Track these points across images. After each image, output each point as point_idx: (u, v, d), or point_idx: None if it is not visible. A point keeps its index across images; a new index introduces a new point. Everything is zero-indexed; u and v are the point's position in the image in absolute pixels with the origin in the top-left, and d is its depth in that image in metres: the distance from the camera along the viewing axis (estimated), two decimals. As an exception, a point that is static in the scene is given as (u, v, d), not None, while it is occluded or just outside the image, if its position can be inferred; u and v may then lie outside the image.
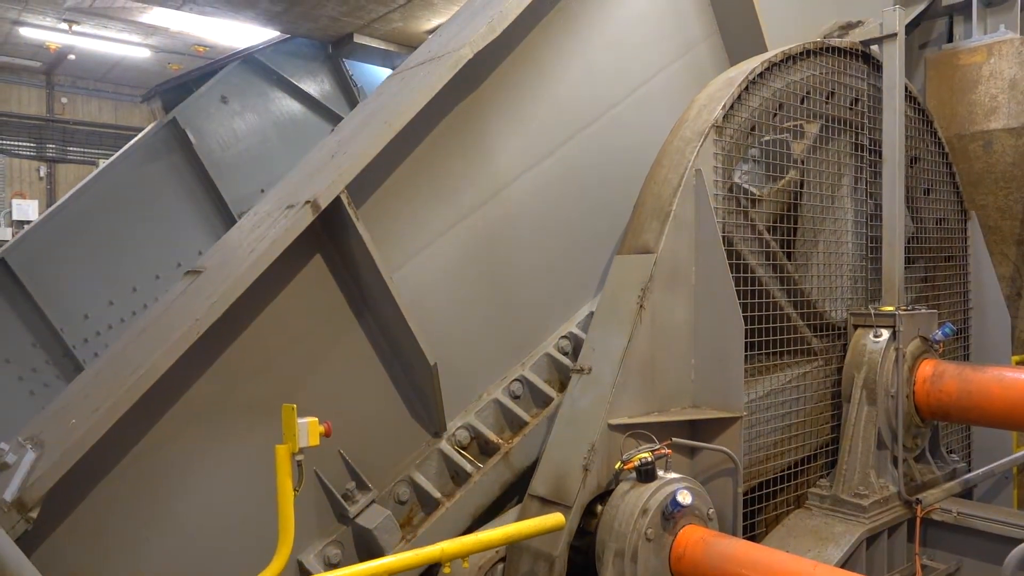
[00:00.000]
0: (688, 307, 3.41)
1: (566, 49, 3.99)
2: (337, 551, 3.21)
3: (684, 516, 2.97)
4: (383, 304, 3.32)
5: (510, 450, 3.55)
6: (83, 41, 15.94)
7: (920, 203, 4.48)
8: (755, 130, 3.69)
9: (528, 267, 3.85)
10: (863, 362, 3.86)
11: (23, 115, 18.58)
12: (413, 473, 3.45)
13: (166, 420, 2.96)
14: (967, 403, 3.71)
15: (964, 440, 4.69)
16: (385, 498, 3.36)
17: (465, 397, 3.65)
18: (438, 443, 3.52)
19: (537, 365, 3.81)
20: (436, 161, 3.59)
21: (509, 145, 3.82)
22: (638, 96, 4.21)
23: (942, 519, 3.86)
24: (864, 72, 4.16)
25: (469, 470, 3.47)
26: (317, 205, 3.07)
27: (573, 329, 3.90)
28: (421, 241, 3.55)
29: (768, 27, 4.35)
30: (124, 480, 2.89)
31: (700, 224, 3.38)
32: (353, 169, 3.18)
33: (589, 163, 4.05)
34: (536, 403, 3.75)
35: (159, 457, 2.95)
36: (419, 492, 3.44)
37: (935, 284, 4.54)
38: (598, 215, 4.06)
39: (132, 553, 2.90)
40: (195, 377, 3.00)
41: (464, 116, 3.67)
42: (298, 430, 2.62)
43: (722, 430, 3.31)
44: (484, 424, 3.62)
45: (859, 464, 3.78)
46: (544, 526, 2.84)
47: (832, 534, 3.59)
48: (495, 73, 3.75)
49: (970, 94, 5.18)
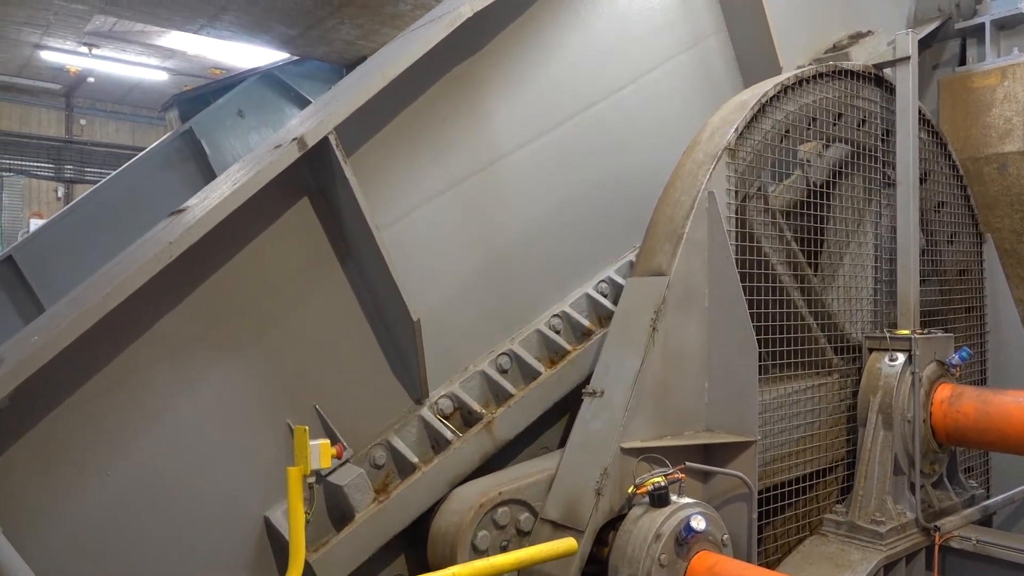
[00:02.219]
0: (701, 330, 3.39)
1: (569, 25, 3.98)
2: (306, 509, 3.08)
3: (698, 542, 2.93)
4: (368, 255, 3.23)
5: (493, 420, 3.44)
6: (102, 64, 16.21)
7: (935, 226, 4.46)
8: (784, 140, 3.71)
9: (522, 243, 3.80)
10: (879, 386, 3.82)
11: (43, 136, 18.89)
12: (391, 437, 3.33)
13: (135, 350, 2.86)
14: (985, 425, 3.65)
15: (983, 466, 4.62)
16: (360, 460, 3.24)
17: (450, 368, 3.54)
18: (419, 410, 3.40)
19: (527, 341, 3.72)
20: (431, 122, 3.54)
21: (507, 116, 3.78)
22: (642, 84, 4.21)
23: (961, 547, 3.79)
24: (878, 95, 4.16)
25: (450, 438, 3.35)
26: (304, 142, 2.99)
27: (566, 308, 3.84)
28: (412, 201, 3.49)
29: (777, 32, 4.39)
30: (88, 409, 2.78)
31: (713, 247, 3.38)
32: (343, 111, 3.11)
33: (589, 147, 4.02)
34: (524, 378, 3.65)
35: (126, 389, 2.84)
36: (397, 457, 3.31)
37: (951, 307, 4.51)
38: (596, 201, 4.02)
39: (92, 484, 2.78)
40: (167, 309, 2.92)
41: (462, 79, 3.64)
42: (310, 452, 2.62)
43: (736, 454, 3.27)
44: (469, 395, 3.51)
45: (876, 490, 3.72)
46: (556, 551, 2.81)
47: (849, 561, 3.53)
48: (496, 40, 3.73)
49: (984, 116, 5.16)
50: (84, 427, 2.77)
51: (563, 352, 3.73)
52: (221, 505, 2.97)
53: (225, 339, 3.05)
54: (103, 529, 2.78)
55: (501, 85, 3.78)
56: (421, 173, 3.53)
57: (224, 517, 2.97)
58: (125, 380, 2.84)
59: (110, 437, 2.81)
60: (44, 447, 2.71)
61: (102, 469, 2.79)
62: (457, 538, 3.10)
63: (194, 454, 2.97)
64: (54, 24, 12.69)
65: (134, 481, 2.84)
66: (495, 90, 3.76)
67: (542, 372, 3.63)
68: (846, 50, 4.65)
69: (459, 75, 3.64)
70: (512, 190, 3.79)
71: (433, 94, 3.56)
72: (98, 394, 2.79)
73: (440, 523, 3.23)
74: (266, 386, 3.11)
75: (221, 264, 3.04)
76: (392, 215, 3.43)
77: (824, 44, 4.82)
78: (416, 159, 3.52)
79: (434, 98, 3.57)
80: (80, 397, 2.76)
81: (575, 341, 3.81)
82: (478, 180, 3.69)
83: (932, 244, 4.44)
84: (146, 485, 2.86)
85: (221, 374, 3.03)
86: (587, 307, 3.91)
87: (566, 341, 3.77)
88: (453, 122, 3.63)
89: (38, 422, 2.70)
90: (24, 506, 2.66)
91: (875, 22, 4.91)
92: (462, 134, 3.66)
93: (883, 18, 5.09)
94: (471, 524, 3.11)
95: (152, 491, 2.87)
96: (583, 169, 4.01)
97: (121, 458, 2.83)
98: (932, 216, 4.45)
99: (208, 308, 3.01)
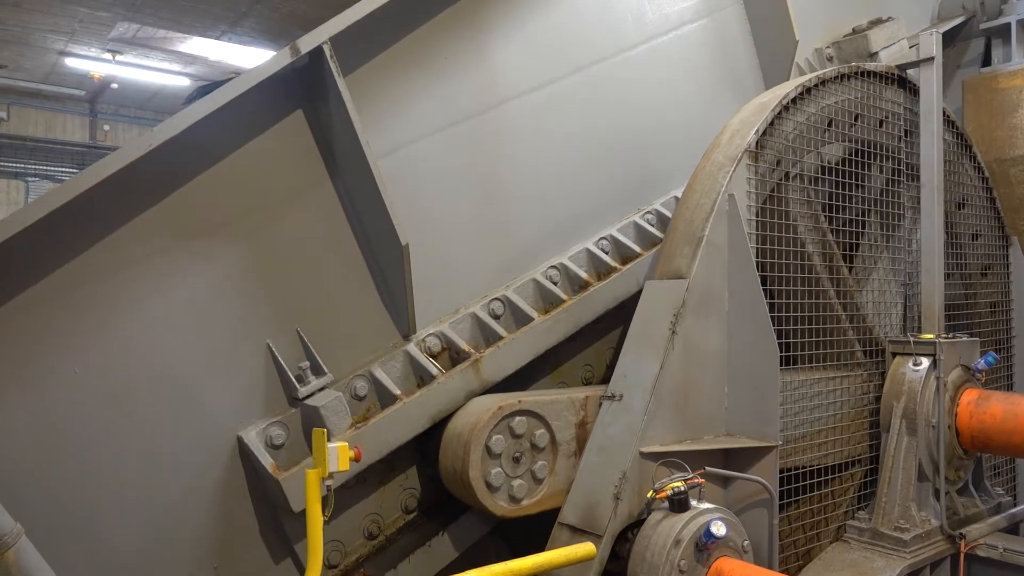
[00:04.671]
0: (721, 333, 3.36)
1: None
2: (281, 432, 3.04)
3: (718, 548, 2.90)
4: (357, 173, 3.16)
5: (481, 359, 3.35)
6: (125, 71, 16.41)
7: (959, 228, 4.40)
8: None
9: (522, 192, 3.74)
10: (902, 391, 3.76)
11: (67, 142, 19.16)
12: (375, 369, 3.24)
13: (106, 245, 2.79)
14: (1012, 425, 3.57)
15: (1009, 473, 4.54)
16: (341, 390, 3.15)
17: (441, 310, 3.47)
18: (406, 345, 3.32)
19: (522, 288, 3.65)
20: (434, 58, 3.49)
21: (513, 60, 3.74)
22: (655, 46, 4.18)
23: (987, 555, 3.72)
24: (900, 96, 4.12)
25: (435, 374, 3.26)
26: (297, 48, 2.95)
27: (565, 261, 3.77)
28: (408, 135, 3.43)
29: (794, 8, 4.39)
30: (58, 302, 2.69)
31: (733, 249, 3.34)
32: (341, 22, 3.06)
33: (596, 103, 3.98)
34: (517, 324, 3.56)
35: (102, 285, 2.77)
36: (379, 389, 3.22)
37: (976, 311, 4.43)
38: (600, 160, 3.99)
39: (58, 383, 2.69)
40: (146, 206, 2.86)
41: (467, 16, 3.58)
42: (328, 455, 2.62)
43: (757, 459, 3.24)
44: (459, 336, 3.43)
45: (899, 496, 3.67)
46: (574, 556, 2.80)
47: (872, 568, 3.48)
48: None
49: (1010, 118, 5.09)
50: (53, 321, 2.68)
51: (559, 302, 3.64)
52: (192, 417, 2.90)
53: (206, 247, 2.97)
54: (65, 429, 2.70)
55: (508, 28, 3.73)
56: (419, 106, 3.46)
57: (194, 431, 2.90)
58: (100, 275, 2.76)
59: (70, 332, 2.71)
60: (11, 337, 2.63)
61: (70, 366, 2.71)
62: (472, 437, 3.06)
63: (167, 361, 2.88)
64: (79, 31, 12.87)
65: (102, 382, 2.76)
66: (501, 33, 3.71)
67: (534, 318, 3.54)
68: (865, 33, 4.68)
69: (464, 11, 3.58)
70: (514, 137, 3.74)
71: (436, 26, 3.49)
72: (68, 287, 2.70)
73: (456, 424, 3.20)
74: (247, 302, 3.04)
75: (207, 167, 2.96)
76: (386, 144, 3.33)
77: (844, 29, 4.85)
78: (415, 92, 3.45)
79: (437, 31, 3.50)
80: (49, 288, 2.68)
81: (571, 293, 3.71)
82: (479, 123, 3.63)
83: (956, 247, 4.37)
84: (114, 388, 2.78)
85: (202, 282, 2.96)
86: (586, 261, 3.85)
87: (563, 292, 3.69)
88: (456, 60, 3.58)
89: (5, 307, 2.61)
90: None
91: (897, 15, 4.91)
92: (465, 73, 3.60)
93: (906, 13, 5.08)
94: (487, 424, 3.08)
95: (120, 394, 2.79)
96: (588, 125, 3.95)
97: (91, 356, 2.74)
98: (956, 219, 4.38)
99: (190, 213, 2.94)
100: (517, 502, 3.19)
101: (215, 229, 3.01)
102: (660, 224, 4.05)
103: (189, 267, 2.95)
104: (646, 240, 4.00)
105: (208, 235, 2.99)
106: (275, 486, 2.88)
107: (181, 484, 2.89)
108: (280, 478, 2.87)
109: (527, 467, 3.21)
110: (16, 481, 2.60)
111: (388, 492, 3.34)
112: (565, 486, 3.26)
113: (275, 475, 2.88)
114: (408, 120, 3.45)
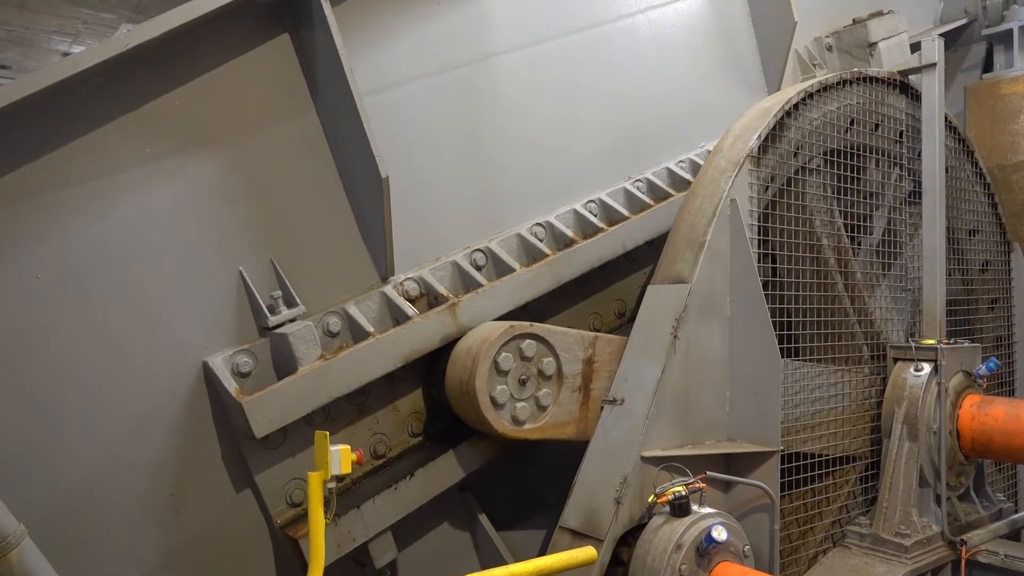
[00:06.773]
0: (723, 338, 3.36)
1: None
2: (249, 360, 2.95)
3: (719, 552, 2.90)
4: (340, 103, 3.05)
5: (459, 303, 3.28)
6: (129, 72, 16.37)
7: (960, 233, 4.40)
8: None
9: (510, 147, 3.70)
10: (903, 396, 3.76)
11: (70, 143, 19.16)
12: (349, 307, 3.16)
13: (80, 147, 2.69)
14: (1014, 427, 3.57)
15: (1010, 479, 4.53)
16: (315, 325, 3.05)
17: (421, 257, 3.41)
18: (383, 286, 3.26)
19: (506, 241, 3.61)
20: (425, 2, 3.46)
21: (507, 13, 3.72)
22: (652, 17, 4.20)
23: (988, 561, 3.72)
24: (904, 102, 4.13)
25: (412, 315, 3.18)
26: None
27: (551, 219, 3.74)
28: (395, 76, 3.36)
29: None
30: (15, 200, 2.59)
31: (735, 254, 3.35)
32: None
33: (591, 64, 3.97)
34: (499, 275, 3.51)
35: (63, 189, 2.68)
36: (353, 327, 3.13)
37: (977, 317, 4.44)
38: (590, 123, 3.97)
39: (19, 284, 2.61)
40: (125, 110, 2.77)
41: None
42: (330, 457, 2.62)
43: (758, 464, 3.24)
44: (438, 282, 3.37)
45: (900, 502, 3.67)
46: (575, 560, 2.79)
47: (873, 574, 3.48)
48: None
49: (1012, 124, 5.10)
50: (18, 220, 2.61)
51: (542, 257, 3.60)
52: (157, 335, 2.81)
53: (184, 161, 2.88)
54: (19, 333, 2.61)
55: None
56: (408, 49, 3.42)
57: (158, 349, 2.80)
58: (76, 179, 2.68)
59: (47, 235, 2.64)
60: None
61: (33, 269, 2.62)
62: (481, 351, 3.06)
63: (136, 272, 2.79)
64: (83, 33, 12.90)
65: (63, 285, 2.67)
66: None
67: (516, 269, 3.50)
68: (865, 23, 4.80)
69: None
70: (505, 91, 3.71)
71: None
72: (36, 189, 2.63)
73: (467, 340, 3.21)
74: (222, 225, 2.96)
75: (190, 79, 2.89)
76: (372, 83, 3.27)
77: (845, 20, 4.96)
78: (405, 33, 3.41)
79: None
80: (24, 176, 2.62)
81: (556, 251, 3.67)
82: (469, 73, 3.61)
83: (958, 253, 4.37)
84: (76, 293, 2.69)
85: (177, 196, 2.87)
86: (573, 221, 3.83)
87: (547, 248, 3.65)
88: (449, 4, 3.54)
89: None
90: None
91: (900, 13, 4.99)
92: (457, 21, 3.57)
93: (909, 12, 5.14)
94: (499, 340, 3.09)
95: (81, 302, 2.70)
96: (580, 87, 3.94)
97: (51, 260, 2.66)
98: (958, 224, 4.38)
99: (170, 123, 2.86)
100: (519, 424, 3.18)
101: (195, 144, 2.92)
102: (651, 192, 4.04)
103: (165, 179, 2.85)
104: (635, 205, 3.97)
105: (187, 149, 2.90)
106: (238, 410, 2.78)
107: (142, 404, 2.80)
108: (243, 401, 2.77)
109: (532, 392, 3.22)
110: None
111: (356, 434, 3.24)
112: (567, 418, 3.30)
113: (238, 399, 2.78)
114: (394, 61, 3.38)
